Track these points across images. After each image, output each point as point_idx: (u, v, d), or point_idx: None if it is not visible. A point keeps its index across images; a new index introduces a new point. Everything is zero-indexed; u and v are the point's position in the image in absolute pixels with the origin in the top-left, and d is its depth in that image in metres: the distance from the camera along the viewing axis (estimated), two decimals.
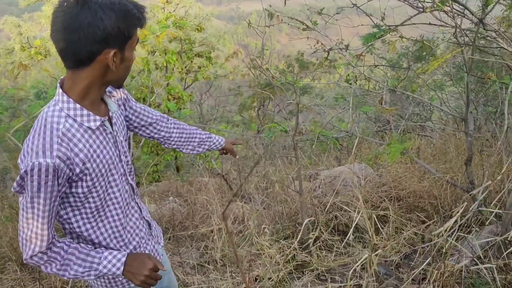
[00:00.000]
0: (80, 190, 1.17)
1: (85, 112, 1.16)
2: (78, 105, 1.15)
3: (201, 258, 2.72)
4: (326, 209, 2.75)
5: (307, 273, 2.33)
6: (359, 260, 1.88)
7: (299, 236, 2.14)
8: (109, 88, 1.33)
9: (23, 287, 2.45)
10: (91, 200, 1.21)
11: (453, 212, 2.52)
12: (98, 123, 1.18)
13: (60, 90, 1.15)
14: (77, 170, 1.13)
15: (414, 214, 2.61)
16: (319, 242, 2.54)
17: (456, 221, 1.70)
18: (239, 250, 2.52)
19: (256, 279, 2.30)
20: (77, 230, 1.25)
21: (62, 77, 1.20)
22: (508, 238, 1.84)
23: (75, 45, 1.08)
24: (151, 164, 5.19)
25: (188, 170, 5.54)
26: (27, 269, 2.63)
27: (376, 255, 1.87)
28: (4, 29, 9.06)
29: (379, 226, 2.42)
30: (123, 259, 1.24)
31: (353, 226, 1.99)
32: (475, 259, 1.96)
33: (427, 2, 3.20)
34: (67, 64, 1.13)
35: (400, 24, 3.36)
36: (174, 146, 1.64)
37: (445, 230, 1.69)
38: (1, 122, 4.13)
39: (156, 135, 1.59)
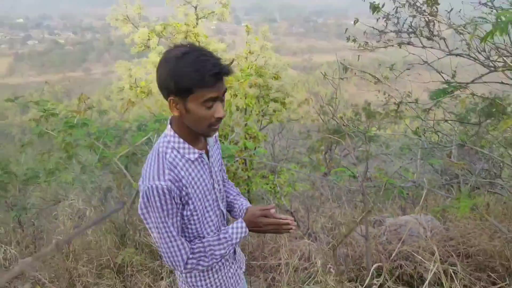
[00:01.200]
0: (184, 213, 1.27)
1: (186, 145, 1.28)
2: (181, 140, 1.27)
3: None
4: (391, 257, 2.59)
5: None
6: None
7: (367, 281, 2.03)
8: None
9: None
10: (192, 222, 1.30)
11: None
12: (196, 155, 1.29)
13: (169, 126, 1.30)
14: (183, 192, 1.24)
15: (484, 274, 2.37)
16: None
17: None
18: (305, 286, 2.45)
19: None
20: None
21: (171, 115, 1.33)
22: None
23: (161, 91, 1.24)
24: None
25: (258, 203, 5.56)
26: (121, 276, 2.77)
27: None
28: (118, 71, 10.03)
29: (444, 281, 2.22)
30: (243, 224, 1.38)
31: (428, 278, 1.85)
32: None
33: (499, 62, 3.03)
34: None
35: (470, 82, 3.21)
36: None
37: None
38: (109, 149, 4.49)
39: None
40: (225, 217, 1.49)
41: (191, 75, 1.15)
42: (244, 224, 1.38)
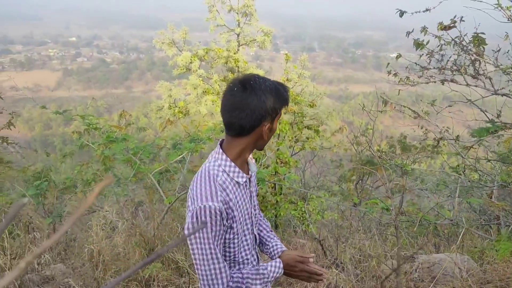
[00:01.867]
0: (227, 236, 1.29)
1: (236, 169, 1.31)
2: (232, 163, 1.31)
3: None
4: None
5: None
6: None
7: None
8: None
9: None
10: (231, 245, 1.32)
11: None
12: (244, 179, 1.33)
13: (220, 150, 1.33)
14: (230, 215, 1.25)
15: None
16: None
17: None
18: None
19: None
20: None
21: (221, 138, 1.37)
22: None
23: (242, 121, 1.25)
24: None
25: (286, 229, 5.50)
26: None
27: None
28: (159, 91, 10.44)
29: None
30: (281, 264, 1.40)
31: None
32: None
33: None
34: (231, 133, 1.30)
35: None
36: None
37: None
38: (145, 164, 4.63)
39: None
40: (257, 242, 1.51)
41: (282, 98, 1.28)
42: (282, 265, 1.40)
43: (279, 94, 1.27)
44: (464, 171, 3.67)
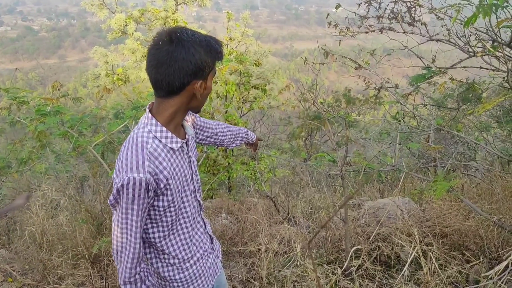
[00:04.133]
0: (161, 204, 1.21)
1: (169, 134, 1.21)
2: (164, 128, 1.20)
3: (248, 274, 2.67)
4: (370, 239, 2.62)
5: None
6: None
7: (346, 263, 2.04)
8: None
9: (92, 283, 2.52)
10: (168, 214, 1.24)
11: (499, 254, 2.31)
12: (179, 144, 1.23)
13: (149, 114, 1.21)
14: (161, 185, 1.17)
15: (458, 253, 2.42)
16: (361, 270, 2.42)
17: (507, 264, 1.54)
18: (284, 270, 2.45)
19: None
20: (152, 240, 1.29)
21: (149, 102, 1.26)
22: None
23: (169, 78, 1.13)
24: (208, 183, 5.27)
25: (239, 190, 5.55)
26: (96, 266, 2.71)
27: None
28: (93, 57, 9.75)
29: (422, 261, 2.26)
30: None
31: (409, 259, 1.86)
32: None
33: (478, 47, 3.06)
34: (159, 94, 1.18)
35: (450, 67, 3.23)
36: (224, 145, 1.77)
37: (495, 274, 1.53)
38: (84, 137, 4.37)
39: (216, 141, 1.70)
40: (201, 207, 1.45)
41: (213, 51, 1.17)
42: None
43: (210, 46, 1.16)
44: (404, 118, 3.84)
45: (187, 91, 1.17)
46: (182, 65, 1.12)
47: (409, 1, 3.08)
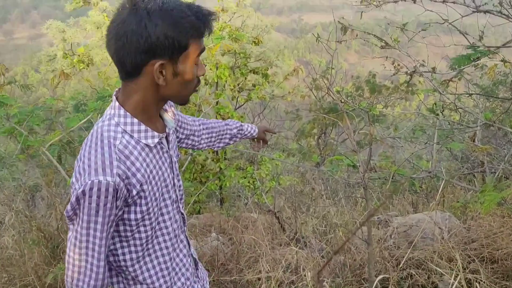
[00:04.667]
0: (133, 216, 1.20)
1: (142, 127, 1.20)
2: (135, 120, 1.19)
3: None
4: (400, 265, 2.63)
5: None
6: None
7: None
8: None
9: None
10: (142, 229, 1.23)
11: None
12: (156, 140, 1.23)
13: (117, 103, 1.21)
14: (134, 192, 1.16)
15: None
16: None
17: None
18: None
19: None
20: (122, 264, 1.27)
21: (117, 88, 1.25)
22: None
23: (119, 54, 1.14)
24: (194, 194, 5.27)
25: (233, 202, 5.56)
26: None
27: None
28: (48, 34, 9.75)
29: None
30: None
31: None
32: None
33: None
34: (119, 75, 1.19)
35: (502, 46, 3.24)
36: (205, 147, 1.74)
37: None
38: (36, 135, 4.38)
39: (194, 144, 1.68)
40: (185, 222, 1.45)
41: (187, 24, 1.12)
42: None
43: (177, 17, 1.11)
44: (443, 111, 3.85)
45: (147, 74, 1.15)
46: (131, 39, 1.10)
47: None
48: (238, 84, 8.13)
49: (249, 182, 5.46)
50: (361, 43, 4.14)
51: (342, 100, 4.19)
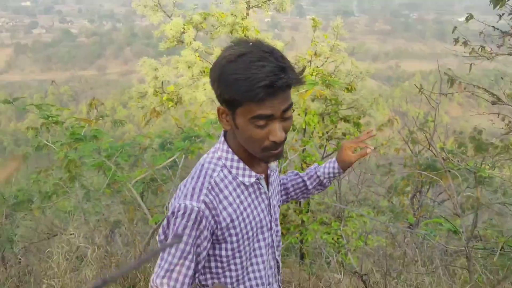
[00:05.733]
0: (223, 253, 1.27)
1: (241, 165, 1.31)
2: (236, 157, 1.31)
3: None
4: None
5: None
6: None
7: None
8: None
9: None
10: (232, 267, 1.30)
11: None
12: (252, 179, 1.32)
13: (223, 139, 1.33)
14: (223, 224, 1.25)
15: None
16: None
17: None
18: None
19: None
20: None
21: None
22: None
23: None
24: None
25: (315, 260, 5.47)
26: None
27: None
28: (140, 71, 10.48)
29: None
30: None
31: None
32: None
33: None
34: None
35: None
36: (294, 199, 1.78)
37: None
38: (122, 170, 4.65)
39: (283, 196, 1.74)
40: (279, 271, 1.49)
41: (239, 84, 1.17)
42: None
43: (221, 79, 1.22)
44: None
45: (220, 119, 1.29)
46: (211, 85, 1.28)
47: None
48: (327, 132, 8.16)
49: (333, 239, 5.38)
50: (466, 96, 4.04)
51: (444, 157, 4.05)
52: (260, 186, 1.35)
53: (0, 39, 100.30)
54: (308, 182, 1.73)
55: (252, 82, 1.15)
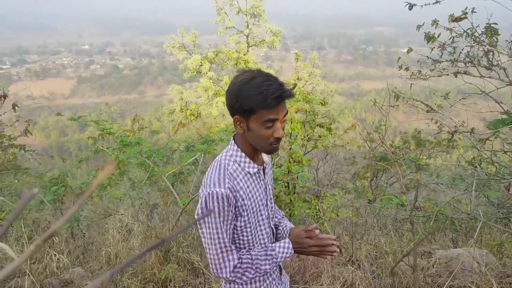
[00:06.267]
0: (238, 224, 1.32)
1: (247, 160, 1.37)
2: (243, 154, 1.37)
3: None
4: None
5: None
6: None
7: None
8: None
9: None
10: (245, 233, 1.35)
11: None
12: (255, 169, 1.38)
13: (232, 141, 1.39)
14: (239, 203, 1.30)
15: None
16: None
17: None
18: None
19: None
20: None
21: (235, 132, 1.41)
22: None
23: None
24: None
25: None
26: None
27: None
28: (171, 94, 10.52)
29: None
30: (290, 244, 1.41)
31: None
32: None
33: None
34: None
35: None
36: None
37: None
38: (158, 167, 4.67)
39: None
40: (274, 235, 1.53)
41: (255, 98, 1.25)
42: (291, 245, 1.42)
43: (240, 95, 1.27)
44: (481, 164, 3.60)
45: (236, 126, 1.33)
46: (229, 101, 1.31)
47: (486, 46, 2.98)
48: (307, 135, 8.14)
49: (313, 213, 5.38)
50: (409, 105, 4.05)
51: (393, 151, 4.07)
52: (260, 174, 1.41)
53: (67, 73, 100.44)
54: (278, 231, 1.64)
55: (266, 95, 1.24)
